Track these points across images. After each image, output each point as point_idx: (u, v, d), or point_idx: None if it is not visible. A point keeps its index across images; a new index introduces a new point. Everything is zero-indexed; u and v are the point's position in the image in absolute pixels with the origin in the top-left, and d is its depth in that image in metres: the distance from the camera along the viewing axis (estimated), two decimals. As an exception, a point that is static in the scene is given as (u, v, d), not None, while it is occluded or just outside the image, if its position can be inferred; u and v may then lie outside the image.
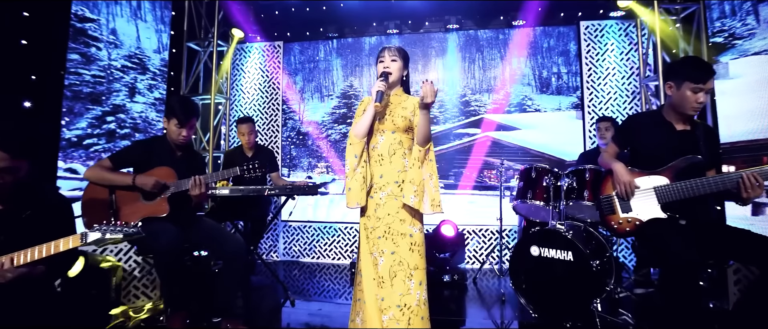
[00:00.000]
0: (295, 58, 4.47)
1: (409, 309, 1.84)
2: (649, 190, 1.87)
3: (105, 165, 2.10)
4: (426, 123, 1.79)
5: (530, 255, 2.60)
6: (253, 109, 4.45)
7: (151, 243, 1.94)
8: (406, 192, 1.84)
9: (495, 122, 3.99)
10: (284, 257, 4.34)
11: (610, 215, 1.95)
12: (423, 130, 1.80)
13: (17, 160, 1.45)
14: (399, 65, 1.94)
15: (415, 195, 1.82)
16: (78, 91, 2.55)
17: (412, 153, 1.89)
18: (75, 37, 2.52)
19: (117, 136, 2.84)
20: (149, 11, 3.06)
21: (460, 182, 4.03)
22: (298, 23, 4.40)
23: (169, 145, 2.26)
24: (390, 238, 1.87)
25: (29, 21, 2.40)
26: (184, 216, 2.22)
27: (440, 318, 2.68)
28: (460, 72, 4.10)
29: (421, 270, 1.90)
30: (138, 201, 2.12)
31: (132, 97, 2.92)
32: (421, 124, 1.80)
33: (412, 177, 1.86)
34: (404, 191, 1.86)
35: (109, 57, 2.73)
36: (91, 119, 2.63)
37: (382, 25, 4.28)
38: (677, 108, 1.83)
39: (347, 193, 1.92)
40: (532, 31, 3.99)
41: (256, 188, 2.79)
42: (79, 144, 2.60)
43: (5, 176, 1.43)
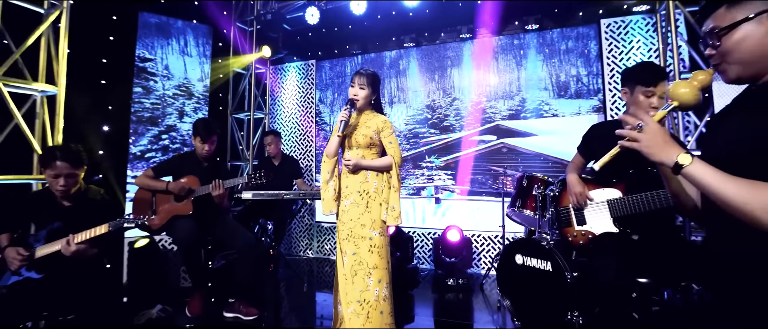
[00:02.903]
0: (325, 75, 4.93)
1: (368, 303, 2.08)
2: (602, 203, 1.85)
3: (148, 174, 2.72)
4: (372, 164, 2.14)
5: (515, 263, 2.63)
6: (290, 122, 5.02)
7: (173, 234, 2.48)
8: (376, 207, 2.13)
9: (511, 129, 3.97)
10: (317, 255, 4.80)
11: (567, 227, 1.95)
12: (374, 168, 2.15)
13: (76, 168, 2.03)
14: (366, 92, 2.19)
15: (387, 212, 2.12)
16: (141, 115, 3.31)
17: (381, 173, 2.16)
18: (138, 74, 3.29)
19: (170, 150, 3.57)
20: (194, 47, 3.77)
21: (474, 189, 4.08)
22: (328, 43, 4.85)
23: (196, 157, 2.81)
24: (352, 240, 2.14)
25: (107, 66, 3.19)
26: (207, 214, 2.75)
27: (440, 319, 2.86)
28: (475, 79, 4.15)
29: (380, 270, 2.12)
30: (170, 201, 2.69)
31: (181, 119, 3.64)
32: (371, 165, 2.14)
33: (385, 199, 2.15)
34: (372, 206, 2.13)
35: (164, 87, 3.48)
36: (150, 137, 3.38)
37: (399, 40, 4.52)
38: (638, 107, 1.79)
39: (322, 202, 2.25)
40: (548, 34, 3.88)
41: (275, 193, 3.25)
42: (142, 157, 3.36)
43: (68, 180, 2.01)
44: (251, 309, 2.69)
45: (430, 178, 4.31)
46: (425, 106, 4.38)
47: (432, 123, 4.34)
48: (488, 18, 4.05)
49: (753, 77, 0.87)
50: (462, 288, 3.45)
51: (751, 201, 0.75)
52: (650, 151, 0.88)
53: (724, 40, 0.86)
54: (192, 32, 3.85)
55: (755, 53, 0.84)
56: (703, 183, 0.82)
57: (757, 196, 0.75)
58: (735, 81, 0.89)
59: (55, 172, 1.95)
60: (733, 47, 0.86)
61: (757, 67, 0.85)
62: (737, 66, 0.87)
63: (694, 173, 0.83)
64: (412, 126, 4.43)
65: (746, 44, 0.84)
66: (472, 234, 3.97)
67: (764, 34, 0.83)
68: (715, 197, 0.80)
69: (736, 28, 0.84)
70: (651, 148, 0.88)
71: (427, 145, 4.34)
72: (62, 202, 2.04)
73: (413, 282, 3.67)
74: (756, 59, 0.84)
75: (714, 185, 0.80)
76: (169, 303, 2.80)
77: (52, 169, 1.95)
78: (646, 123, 0.90)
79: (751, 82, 0.89)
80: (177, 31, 3.74)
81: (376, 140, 2.18)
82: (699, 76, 0.93)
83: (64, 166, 1.96)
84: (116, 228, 1.98)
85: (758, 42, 0.83)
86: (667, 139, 0.88)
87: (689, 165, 0.83)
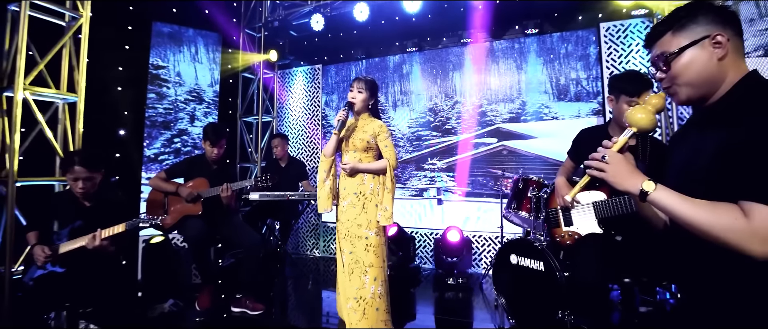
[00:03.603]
0: (331, 79, 5.06)
1: (364, 300, 2.19)
2: (588, 205, 1.93)
3: (161, 177, 2.88)
4: (368, 168, 2.25)
5: (510, 263, 2.71)
6: (298, 125, 5.16)
7: (184, 233, 2.64)
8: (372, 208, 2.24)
9: (511, 131, 4.03)
10: (324, 254, 4.93)
11: (555, 228, 2.03)
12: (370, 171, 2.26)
13: (93, 172, 2.19)
14: (364, 96, 2.31)
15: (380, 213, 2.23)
16: (154, 120, 3.50)
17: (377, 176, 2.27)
18: (152, 80, 3.48)
19: (182, 152, 3.75)
20: (204, 54, 3.95)
21: (475, 190, 4.16)
22: (333, 48, 4.98)
23: (206, 160, 2.97)
24: (349, 240, 2.26)
25: (123, 73, 3.37)
26: (216, 214, 2.90)
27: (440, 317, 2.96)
28: (476, 83, 4.23)
29: (375, 268, 2.23)
30: (181, 202, 2.85)
31: (192, 123, 3.82)
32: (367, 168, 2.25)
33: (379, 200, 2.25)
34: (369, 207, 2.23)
35: (176, 93, 3.67)
36: (163, 141, 3.57)
37: (403, 44, 4.63)
38: (618, 121, 1.87)
39: (318, 201, 2.36)
40: (548, 38, 3.94)
41: (280, 193, 3.39)
42: (156, 159, 3.54)
43: (86, 183, 2.17)
44: (257, 304, 2.83)
45: (433, 180, 4.40)
46: (428, 109, 4.48)
47: (434, 126, 4.43)
48: (489, 22, 4.13)
49: (701, 98, 0.91)
50: (462, 287, 3.53)
51: (714, 224, 0.77)
52: (615, 180, 0.90)
53: (673, 65, 0.90)
54: (202, 40, 4.03)
55: (701, 76, 0.88)
56: (667, 209, 0.84)
57: (720, 219, 0.77)
58: (685, 102, 0.93)
59: (74, 176, 2.11)
60: (681, 71, 0.90)
61: (705, 88, 0.89)
62: (686, 88, 0.91)
63: (659, 199, 0.85)
64: (415, 129, 4.53)
65: (693, 68, 0.88)
66: (473, 234, 4.05)
67: (708, 58, 0.87)
68: (681, 221, 0.82)
69: (683, 53, 0.89)
70: (616, 178, 0.90)
71: (430, 147, 4.43)
72: (83, 203, 2.21)
73: (415, 281, 3.77)
74: (703, 81, 0.89)
75: (678, 210, 0.82)
76: (180, 298, 2.96)
77: (71, 173, 2.12)
78: (609, 154, 0.92)
79: (699, 103, 0.93)
80: (188, 39, 3.93)
81: (372, 144, 2.29)
82: (653, 101, 0.97)
83: (82, 171, 2.12)
84: (132, 228, 2.13)
85: (703, 65, 0.87)
86: (631, 168, 0.90)
87: (653, 192, 0.85)
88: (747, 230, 0.73)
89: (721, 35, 0.86)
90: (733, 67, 0.88)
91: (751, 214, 0.74)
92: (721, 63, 0.87)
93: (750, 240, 0.73)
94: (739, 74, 0.88)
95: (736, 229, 0.74)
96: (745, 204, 0.75)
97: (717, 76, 0.88)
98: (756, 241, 0.72)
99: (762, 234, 0.72)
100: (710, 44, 0.87)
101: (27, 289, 2.08)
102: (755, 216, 0.73)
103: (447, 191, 4.32)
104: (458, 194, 4.25)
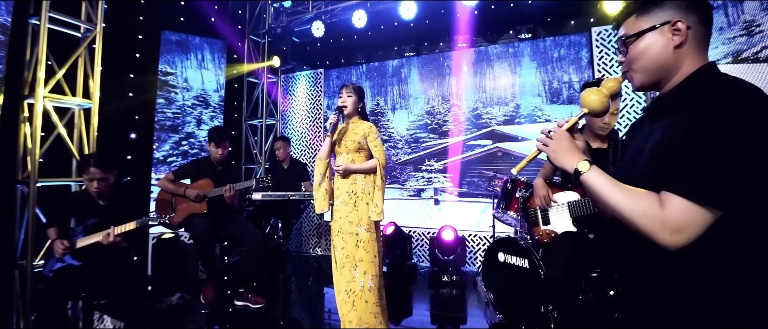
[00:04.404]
0: (333, 82, 5.23)
1: (353, 293, 2.33)
2: (563, 205, 2.04)
3: (169, 178, 3.06)
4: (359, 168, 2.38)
5: (498, 260, 2.83)
6: (300, 127, 5.34)
7: (190, 230, 2.82)
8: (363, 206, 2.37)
9: (506, 133, 4.14)
10: (325, 252, 5.09)
11: (534, 227, 2.14)
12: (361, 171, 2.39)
13: (107, 173, 2.38)
14: (353, 99, 2.47)
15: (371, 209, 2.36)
16: (163, 124, 3.70)
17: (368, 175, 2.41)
18: (161, 86, 3.68)
19: (189, 154, 3.95)
20: (210, 61, 4.15)
21: (470, 190, 4.27)
22: (335, 53, 5.15)
23: (211, 162, 3.15)
24: (341, 236, 2.40)
25: (134, 80, 3.58)
26: (220, 213, 3.07)
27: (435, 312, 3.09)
28: (472, 86, 4.35)
29: (365, 262, 2.37)
30: (188, 201, 3.03)
31: (198, 126, 4.02)
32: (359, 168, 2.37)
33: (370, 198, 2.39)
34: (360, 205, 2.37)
35: (183, 98, 3.87)
36: (172, 143, 3.77)
37: (401, 49, 4.77)
38: (589, 127, 1.98)
39: (315, 202, 2.51)
40: (541, 43, 4.04)
41: (282, 194, 3.56)
42: (165, 161, 3.75)
43: (101, 183, 2.35)
44: (259, 298, 3.00)
45: (430, 180, 4.53)
46: (425, 112, 4.61)
47: (431, 128, 4.56)
48: (484, 27, 4.25)
49: (654, 85, 0.89)
50: (456, 284, 3.66)
51: (631, 209, 0.77)
52: (554, 156, 0.92)
53: (631, 48, 0.88)
54: (208, 47, 4.24)
55: (656, 62, 0.85)
56: (594, 190, 0.84)
57: (637, 205, 0.77)
58: (639, 88, 0.91)
59: (90, 177, 2.30)
60: (637, 55, 0.87)
61: (659, 75, 0.87)
62: (640, 74, 0.88)
63: (589, 180, 0.85)
64: (412, 131, 4.66)
65: (649, 53, 0.85)
66: (468, 234, 4.17)
67: (665, 44, 0.84)
68: (604, 204, 0.82)
69: (641, 36, 0.86)
70: (555, 154, 0.92)
71: (427, 149, 4.56)
72: (98, 201, 2.40)
73: (412, 279, 3.90)
74: (657, 68, 0.86)
75: (603, 192, 0.82)
76: (187, 292, 3.15)
77: (87, 174, 2.31)
78: (555, 130, 0.93)
79: (653, 91, 0.91)
80: (195, 46, 4.14)
81: (364, 145, 2.43)
82: (608, 84, 0.96)
83: (97, 172, 2.31)
84: (142, 225, 2.31)
85: (659, 51, 0.84)
86: (572, 146, 0.90)
87: (586, 173, 0.85)
88: (659, 219, 0.74)
89: (682, 22, 0.82)
90: (691, 57, 0.84)
91: (666, 204, 0.74)
92: (678, 51, 0.84)
93: (661, 229, 0.73)
94: (696, 65, 0.84)
95: (650, 216, 0.75)
96: (664, 194, 0.75)
97: (672, 64, 0.85)
98: (666, 231, 0.73)
99: (672, 224, 0.72)
100: (669, 31, 0.83)
101: (47, 281, 2.27)
102: (668, 207, 0.73)
103: (443, 192, 4.45)
104: (454, 195, 4.38)
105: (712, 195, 0.71)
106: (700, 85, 0.81)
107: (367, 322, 2.30)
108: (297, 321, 2.89)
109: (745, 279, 0.75)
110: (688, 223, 0.72)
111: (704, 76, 0.83)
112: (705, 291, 0.77)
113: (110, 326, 2.59)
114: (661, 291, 0.83)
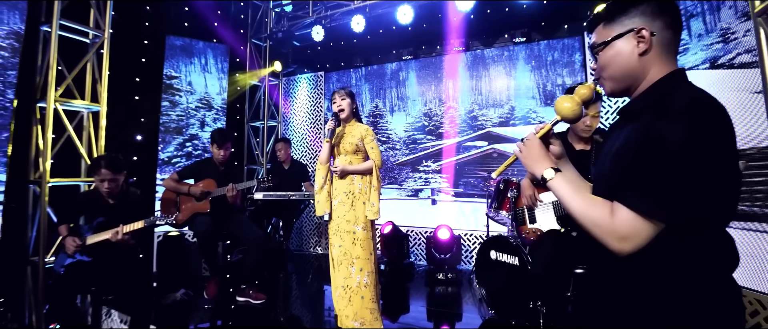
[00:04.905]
0: (333, 85, 5.34)
1: (350, 289, 2.44)
2: (548, 204, 2.14)
3: (174, 178, 3.18)
4: (356, 169, 2.48)
5: (490, 258, 2.93)
6: (302, 129, 5.45)
7: (194, 229, 2.94)
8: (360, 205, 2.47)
9: (501, 135, 4.24)
10: (325, 251, 5.20)
11: (522, 225, 2.24)
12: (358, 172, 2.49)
13: (117, 174, 2.49)
14: (348, 102, 2.57)
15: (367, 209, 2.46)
16: (168, 126, 3.83)
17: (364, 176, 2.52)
18: (166, 89, 3.82)
19: (193, 155, 4.08)
20: (213, 65, 4.29)
21: (467, 191, 4.37)
22: (335, 56, 5.27)
23: (214, 163, 3.26)
24: (339, 234, 2.51)
25: (140, 84, 3.71)
26: (223, 212, 3.18)
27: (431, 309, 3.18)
28: (468, 89, 4.45)
29: (362, 260, 2.47)
30: (192, 201, 3.15)
31: (202, 128, 4.15)
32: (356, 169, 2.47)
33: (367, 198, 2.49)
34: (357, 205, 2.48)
35: (187, 101, 4.01)
36: (176, 145, 3.90)
37: (399, 52, 4.88)
38: (573, 130, 2.07)
39: (316, 205, 2.61)
40: (535, 46, 4.14)
41: (282, 193, 3.67)
42: (169, 162, 3.88)
43: (111, 183, 2.47)
44: (260, 294, 3.11)
45: (427, 181, 4.63)
46: (423, 114, 4.71)
47: (429, 129, 4.66)
48: (480, 31, 4.35)
49: (625, 92, 0.91)
50: (452, 282, 3.75)
51: (586, 216, 0.81)
52: (526, 162, 0.97)
53: (600, 56, 0.90)
54: (211, 51, 4.37)
55: (623, 70, 0.87)
56: (558, 196, 0.89)
57: (591, 213, 0.81)
58: (610, 94, 0.93)
59: (101, 177, 2.42)
60: (606, 63, 0.89)
61: (627, 82, 0.89)
62: (609, 81, 0.91)
63: (554, 186, 0.90)
64: (410, 132, 4.77)
65: (616, 61, 0.87)
66: (464, 233, 4.26)
67: (631, 52, 0.85)
68: (567, 209, 0.87)
69: (609, 44, 0.88)
70: (527, 160, 0.96)
71: (424, 150, 4.66)
72: (108, 201, 2.52)
73: (409, 277, 4.00)
74: (624, 75, 0.88)
75: (564, 199, 0.87)
76: (190, 288, 3.27)
77: (98, 175, 2.43)
78: (527, 138, 0.98)
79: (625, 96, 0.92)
80: (198, 51, 4.27)
81: (361, 146, 2.53)
82: (581, 91, 0.96)
83: (107, 173, 2.43)
84: (149, 225, 2.43)
85: (626, 59, 0.86)
86: (541, 153, 0.95)
87: (551, 180, 0.90)
88: (609, 227, 0.77)
89: (646, 30, 0.84)
90: (657, 64, 0.86)
91: (615, 214, 0.77)
92: (643, 58, 0.85)
93: (610, 237, 0.77)
94: (662, 72, 0.86)
95: (600, 225, 0.79)
96: (614, 204, 0.79)
97: (638, 71, 0.86)
98: (614, 239, 0.77)
99: (619, 233, 0.76)
100: (635, 38, 0.85)
101: (58, 276, 2.39)
102: (617, 216, 0.77)
103: (440, 192, 4.54)
104: (450, 194, 4.48)
105: (657, 210, 0.73)
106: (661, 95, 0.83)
107: (362, 317, 2.40)
108: (297, 317, 3.00)
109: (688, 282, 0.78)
110: (633, 233, 0.75)
111: (667, 86, 0.84)
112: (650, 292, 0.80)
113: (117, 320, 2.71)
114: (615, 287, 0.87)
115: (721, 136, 0.75)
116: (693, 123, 0.72)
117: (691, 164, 0.71)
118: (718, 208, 0.77)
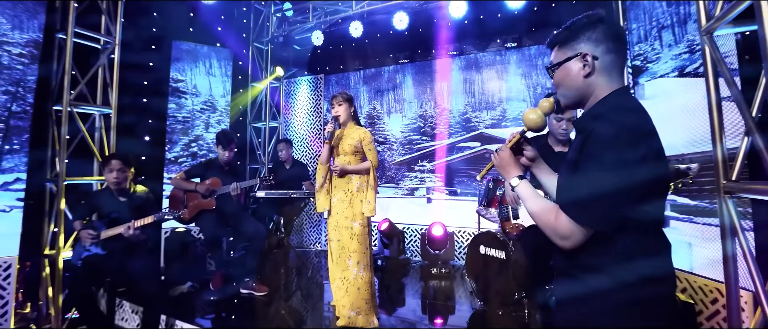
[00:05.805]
0: (333, 87, 5.52)
1: (347, 281, 2.61)
2: (530, 201, 2.32)
3: (181, 177, 3.36)
4: (354, 169, 2.63)
5: (479, 253, 3.11)
6: (302, 130, 5.63)
7: (200, 224, 3.12)
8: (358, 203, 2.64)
9: (493, 136, 4.42)
10: (325, 247, 5.38)
11: (506, 221, 2.41)
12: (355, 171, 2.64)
13: (126, 165, 2.67)
14: (345, 107, 2.73)
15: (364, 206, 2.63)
16: (174, 127, 4.01)
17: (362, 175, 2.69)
18: (172, 92, 4.00)
19: (198, 155, 4.27)
20: (217, 68, 4.47)
21: (461, 189, 4.55)
22: (334, 60, 5.44)
23: (219, 162, 3.44)
24: (337, 230, 2.68)
25: (148, 87, 3.89)
26: (227, 209, 3.36)
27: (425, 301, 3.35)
28: (462, 91, 4.63)
29: (358, 253, 2.64)
30: (198, 198, 3.33)
31: (207, 129, 4.34)
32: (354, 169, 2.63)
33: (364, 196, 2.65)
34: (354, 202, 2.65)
35: (193, 103, 4.19)
36: (182, 145, 4.09)
37: (396, 56, 5.06)
38: (552, 133, 2.25)
39: (317, 202, 2.78)
40: (527, 51, 4.31)
41: (283, 192, 3.85)
42: (176, 162, 4.06)
43: (120, 174, 2.64)
44: (262, 286, 3.29)
45: (422, 180, 4.81)
46: (418, 116, 4.89)
47: (424, 131, 4.84)
48: (473, 37, 4.52)
49: (576, 105, 1.05)
50: (445, 276, 3.94)
51: (539, 218, 0.97)
52: (499, 169, 1.12)
53: (554, 75, 1.03)
54: (215, 55, 4.55)
55: (572, 88, 1.00)
56: (522, 200, 1.04)
57: (543, 216, 0.96)
58: (565, 107, 1.08)
59: (111, 168, 2.61)
60: (559, 81, 1.02)
61: (576, 98, 1.02)
62: (563, 98, 1.04)
63: (519, 192, 1.05)
64: (407, 133, 4.95)
65: (567, 80, 1.00)
66: (457, 230, 4.44)
67: (578, 73, 0.97)
68: (529, 213, 1.01)
69: (561, 66, 1.00)
70: (500, 168, 1.12)
71: (420, 150, 4.84)
72: (119, 198, 2.70)
73: (405, 272, 4.18)
74: (574, 93, 1.01)
75: (526, 202, 1.02)
76: (196, 281, 3.45)
77: (108, 166, 2.61)
78: (500, 148, 1.12)
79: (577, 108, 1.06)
80: (203, 55, 4.45)
81: (359, 148, 2.70)
82: (543, 104, 1.09)
83: (117, 163, 2.62)
84: (158, 220, 2.61)
85: (574, 78, 0.98)
86: (510, 162, 1.10)
87: (517, 186, 1.05)
88: (553, 228, 0.93)
89: (589, 55, 0.95)
90: (601, 84, 0.97)
91: (557, 217, 0.92)
92: (588, 79, 0.97)
93: (554, 236, 0.93)
94: (607, 90, 0.96)
95: (548, 226, 0.94)
96: (558, 209, 0.93)
97: (584, 90, 0.99)
98: (557, 238, 0.92)
99: (560, 233, 0.91)
100: (581, 61, 0.96)
101: (75, 269, 2.57)
102: (558, 219, 0.91)
103: (435, 190, 4.72)
104: (444, 193, 4.66)
105: (586, 220, 0.88)
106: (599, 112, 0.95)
107: (358, 307, 2.58)
108: (297, 309, 3.18)
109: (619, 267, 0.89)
110: (570, 234, 0.89)
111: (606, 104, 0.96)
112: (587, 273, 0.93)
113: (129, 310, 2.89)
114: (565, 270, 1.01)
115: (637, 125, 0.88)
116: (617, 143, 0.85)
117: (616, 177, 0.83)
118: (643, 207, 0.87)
